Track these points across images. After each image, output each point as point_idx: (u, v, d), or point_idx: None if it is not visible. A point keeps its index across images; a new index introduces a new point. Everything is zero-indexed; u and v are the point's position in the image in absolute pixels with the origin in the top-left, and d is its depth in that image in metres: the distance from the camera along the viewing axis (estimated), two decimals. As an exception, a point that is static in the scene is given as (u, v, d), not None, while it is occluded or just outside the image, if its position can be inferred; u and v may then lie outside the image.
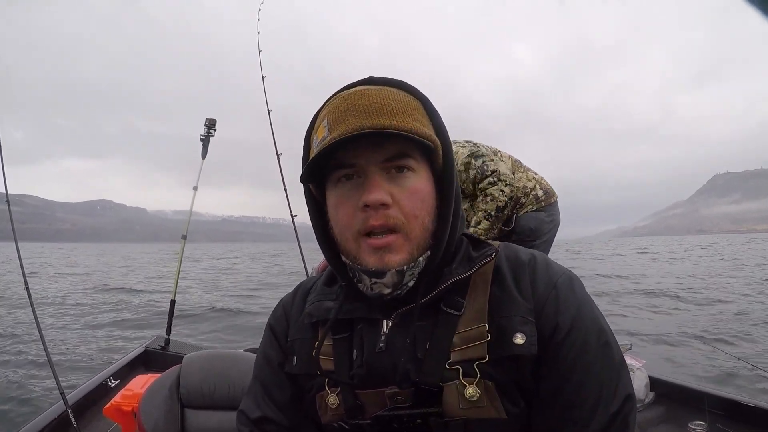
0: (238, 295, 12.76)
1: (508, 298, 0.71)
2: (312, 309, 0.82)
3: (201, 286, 14.96)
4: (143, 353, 3.23)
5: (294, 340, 0.83)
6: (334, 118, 0.69)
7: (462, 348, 0.69)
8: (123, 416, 1.79)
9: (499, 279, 0.74)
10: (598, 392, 0.66)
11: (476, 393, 0.67)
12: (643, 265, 24.43)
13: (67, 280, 18.48)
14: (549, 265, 0.76)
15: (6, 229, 2.98)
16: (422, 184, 0.71)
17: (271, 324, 0.90)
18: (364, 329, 0.75)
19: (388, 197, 0.68)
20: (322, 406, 0.77)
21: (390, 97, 0.70)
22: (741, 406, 2.35)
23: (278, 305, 0.92)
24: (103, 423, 2.32)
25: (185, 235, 3.96)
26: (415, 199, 0.69)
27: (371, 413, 0.71)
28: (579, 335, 0.68)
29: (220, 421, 1.58)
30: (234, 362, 1.68)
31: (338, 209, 0.72)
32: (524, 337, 0.68)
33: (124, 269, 26.49)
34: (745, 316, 9.06)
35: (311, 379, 0.78)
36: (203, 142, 3.77)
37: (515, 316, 0.69)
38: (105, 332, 8.05)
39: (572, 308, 0.70)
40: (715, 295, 11.52)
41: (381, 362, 0.72)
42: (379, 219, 0.68)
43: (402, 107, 0.69)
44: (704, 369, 5.67)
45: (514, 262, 0.76)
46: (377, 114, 0.67)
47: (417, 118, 0.70)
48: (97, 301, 11.74)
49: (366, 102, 0.68)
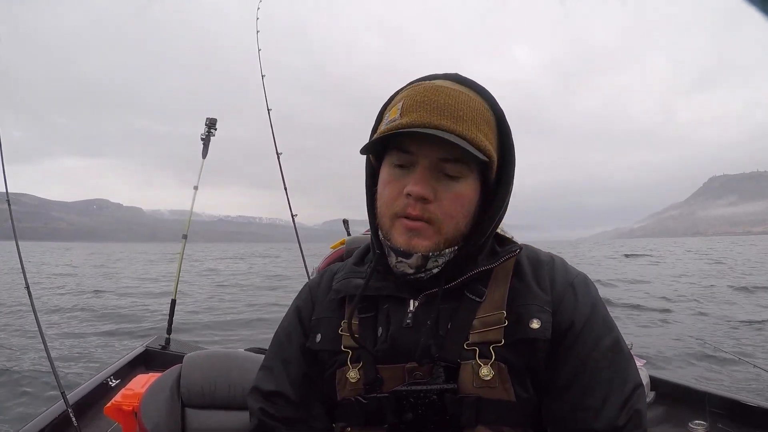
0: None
1: (526, 289, 0.77)
2: (340, 285, 0.86)
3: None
4: (144, 352, 3.23)
5: (320, 318, 0.87)
6: (409, 105, 0.73)
7: (480, 331, 0.74)
8: (124, 416, 1.79)
9: (520, 273, 0.80)
10: (608, 383, 0.71)
11: (490, 373, 0.71)
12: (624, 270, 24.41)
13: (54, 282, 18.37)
14: (566, 266, 0.83)
15: (3, 228, 2.98)
16: (468, 191, 0.75)
17: (297, 305, 0.92)
18: (390, 307, 0.80)
19: (431, 193, 0.73)
20: (341, 380, 0.80)
21: (465, 102, 0.73)
22: (742, 406, 2.36)
23: (304, 287, 0.96)
24: (104, 422, 2.32)
25: (186, 234, 3.96)
26: (456, 203, 0.74)
27: (390, 388, 0.75)
28: (593, 331, 0.74)
29: (221, 420, 1.58)
30: (235, 362, 1.68)
31: (385, 187, 0.77)
32: (540, 322, 0.73)
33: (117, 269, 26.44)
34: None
35: (334, 356, 0.82)
36: (204, 142, 3.76)
37: (533, 305, 0.75)
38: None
39: (587, 307, 0.76)
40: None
41: (406, 338, 0.76)
42: (417, 210, 0.73)
43: (472, 115, 0.73)
44: (704, 368, 5.67)
45: (535, 259, 0.83)
46: (447, 115, 0.71)
47: (483, 129, 0.74)
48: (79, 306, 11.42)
49: (442, 100, 0.72)
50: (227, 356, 1.72)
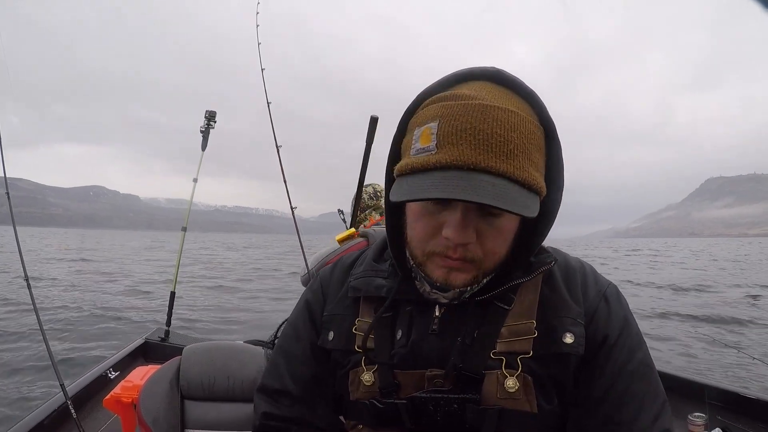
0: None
1: (559, 299, 0.74)
2: (359, 283, 0.81)
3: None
4: (143, 344, 3.23)
5: (333, 315, 0.83)
6: (447, 133, 0.61)
7: (508, 340, 0.71)
8: (123, 408, 1.79)
9: (551, 282, 0.76)
10: (640, 398, 0.70)
11: (515, 385, 0.69)
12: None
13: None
14: (596, 274, 0.80)
15: (0, 214, 2.96)
16: (511, 226, 0.69)
17: (307, 299, 0.89)
18: (414, 311, 0.77)
19: (473, 237, 0.65)
20: (354, 382, 0.77)
21: (516, 125, 0.62)
22: (741, 398, 2.35)
23: (315, 280, 0.92)
24: (103, 414, 2.32)
25: (185, 227, 3.95)
26: (498, 239, 0.68)
27: (406, 394, 0.72)
28: (626, 345, 0.72)
29: (220, 412, 1.58)
30: (234, 354, 1.67)
31: (418, 221, 0.69)
32: (573, 337, 0.71)
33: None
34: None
35: (347, 355, 0.79)
36: (203, 134, 3.75)
37: (566, 317, 0.72)
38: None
39: (620, 319, 0.74)
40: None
41: (430, 344, 0.73)
42: (457, 253, 0.67)
43: (524, 144, 0.62)
44: (704, 360, 5.69)
45: (565, 267, 0.79)
46: (496, 151, 0.60)
47: (534, 159, 0.64)
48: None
49: (489, 129, 0.60)
50: (226, 348, 1.71)
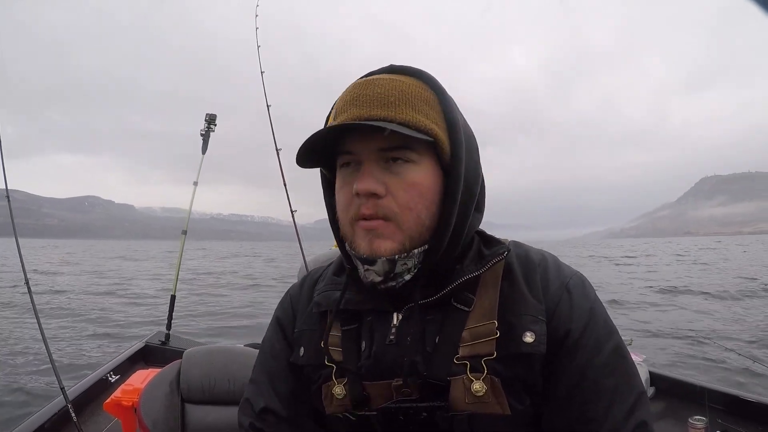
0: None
1: (518, 296, 0.72)
2: (320, 298, 0.81)
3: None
4: (143, 348, 3.23)
5: (302, 331, 0.83)
6: (341, 107, 0.71)
7: (471, 343, 0.69)
8: (123, 411, 1.79)
9: (510, 277, 0.74)
10: (611, 392, 0.67)
11: (482, 388, 0.67)
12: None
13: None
14: (559, 266, 0.76)
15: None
16: (422, 178, 0.69)
17: (278, 316, 0.89)
18: (373, 321, 0.75)
19: (379, 187, 0.68)
20: (327, 396, 0.77)
21: (397, 87, 0.69)
22: (741, 401, 2.36)
23: (285, 296, 0.91)
24: (104, 418, 2.32)
25: (185, 230, 3.96)
26: (411, 191, 0.68)
27: (377, 405, 0.71)
28: (592, 338, 0.69)
29: (221, 416, 1.58)
30: (234, 357, 1.68)
31: (339, 194, 0.73)
32: (534, 335, 0.68)
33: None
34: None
35: (318, 370, 0.78)
36: (203, 138, 3.76)
37: (525, 315, 0.70)
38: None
39: (585, 312, 0.71)
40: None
41: (390, 354, 0.72)
42: (369, 208, 0.68)
43: (407, 98, 0.68)
44: (704, 363, 5.68)
45: (525, 261, 0.76)
46: (377, 104, 0.67)
47: (422, 109, 0.69)
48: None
49: (371, 92, 0.69)
50: (226, 352, 1.72)
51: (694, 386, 2.53)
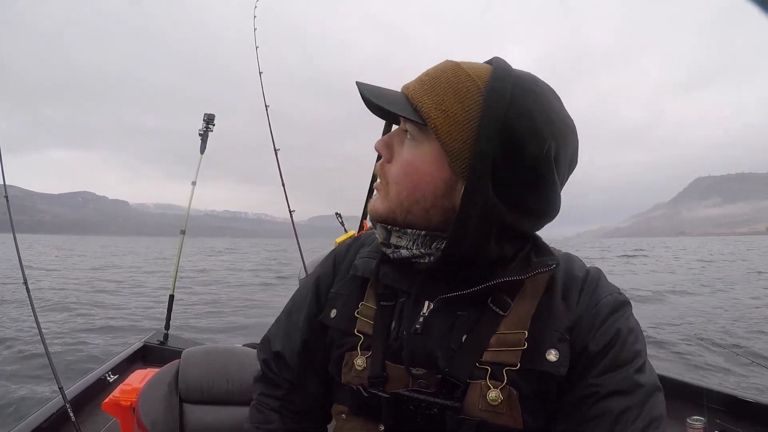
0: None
1: (553, 311, 0.69)
2: (359, 263, 0.81)
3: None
4: (142, 348, 3.23)
5: (338, 293, 0.83)
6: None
7: (496, 350, 0.67)
8: (122, 411, 1.79)
9: (551, 290, 0.71)
10: (617, 416, 0.63)
11: (498, 398, 0.65)
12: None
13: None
14: (599, 283, 0.73)
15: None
16: (415, 158, 0.69)
17: (318, 275, 0.88)
18: (405, 303, 0.74)
19: (383, 150, 0.72)
20: (348, 364, 0.76)
21: (442, 68, 0.69)
22: (740, 402, 2.36)
23: (329, 255, 0.90)
24: (102, 418, 2.32)
25: (184, 230, 3.96)
26: (404, 167, 0.70)
27: (392, 388, 0.71)
28: (608, 358, 0.66)
29: (219, 416, 1.58)
30: (233, 357, 1.67)
31: None
32: (558, 355, 0.66)
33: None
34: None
35: (345, 336, 0.78)
36: (202, 138, 3.76)
37: (554, 331, 0.67)
38: None
39: (610, 331, 0.67)
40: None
41: (414, 342, 0.71)
42: (378, 169, 0.73)
43: (435, 80, 0.68)
44: (704, 363, 5.69)
45: (569, 275, 0.73)
46: (416, 79, 0.70)
47: (440, 94, 0.66)
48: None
49: (430, 69, 0.71)
50: (225, 352, 1.71)
51: (693, 386, 2.53)
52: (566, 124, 0.68)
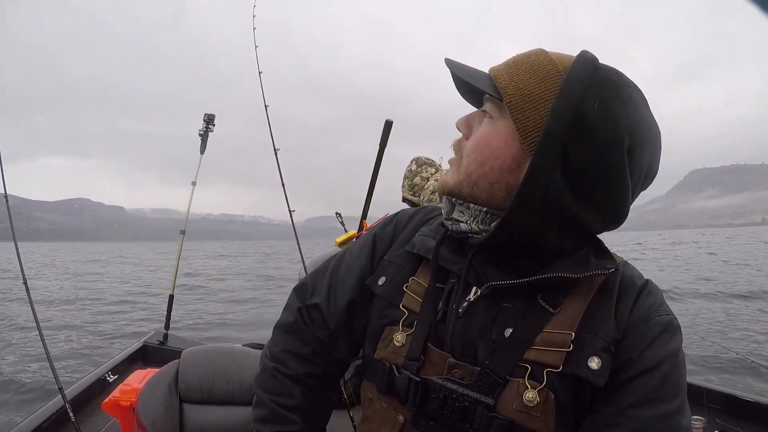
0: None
1: (603, 316, 0.66)
2: (418, 240, 0.79)
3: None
4: (142, 348, 3.23)
5: (391, 261, 0.80)
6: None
7: (540, 349, 0.64)
8: (121, 411, 1.79)
9: (605, 294, 0.68)
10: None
11: (535, 399, 0.62)
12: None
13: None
14: (656, 298, 0.69)
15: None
16: (489, 134, 0.68)
17: (376, 233, 0.86)
18: (455, 288, 0.72)
19: (463, 126, 0.73)
20: (387, 338, 0.74)
21: (529, 53, 0.69)
22: (740, 401, 2.36)
23: (392, 217, 0.88)
24: (102, 418, 2.32)
25: (183, 230, 3.96)
26: (478, 142, 0.69)
27: (426, 373, 0.69)
28: (644, 388, 0.62)
29: (219, 416, 1.58)
30: (233, 357, 1.67)
31: None
32: (600, 363, 0.62)
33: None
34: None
35: (389, 308, 0.76)
36: (202, 138, 3.76)
37: (601, 338, 0.64)
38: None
39: (656, 357, 0.63)
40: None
41: (458, 329, 0.69)
42: (454, 144, 0.74)
43: (518, 63, 0.68)
44: (703, 363, 5.68)
45: (627, 282, 0.70)
46: (497, 65, 0.70)
47: (519, 74, 0.66)
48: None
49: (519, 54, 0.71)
50: (225, 352, 1.71)
51: (692, 386, 2.53)
52: (647, 125, 0.66)
